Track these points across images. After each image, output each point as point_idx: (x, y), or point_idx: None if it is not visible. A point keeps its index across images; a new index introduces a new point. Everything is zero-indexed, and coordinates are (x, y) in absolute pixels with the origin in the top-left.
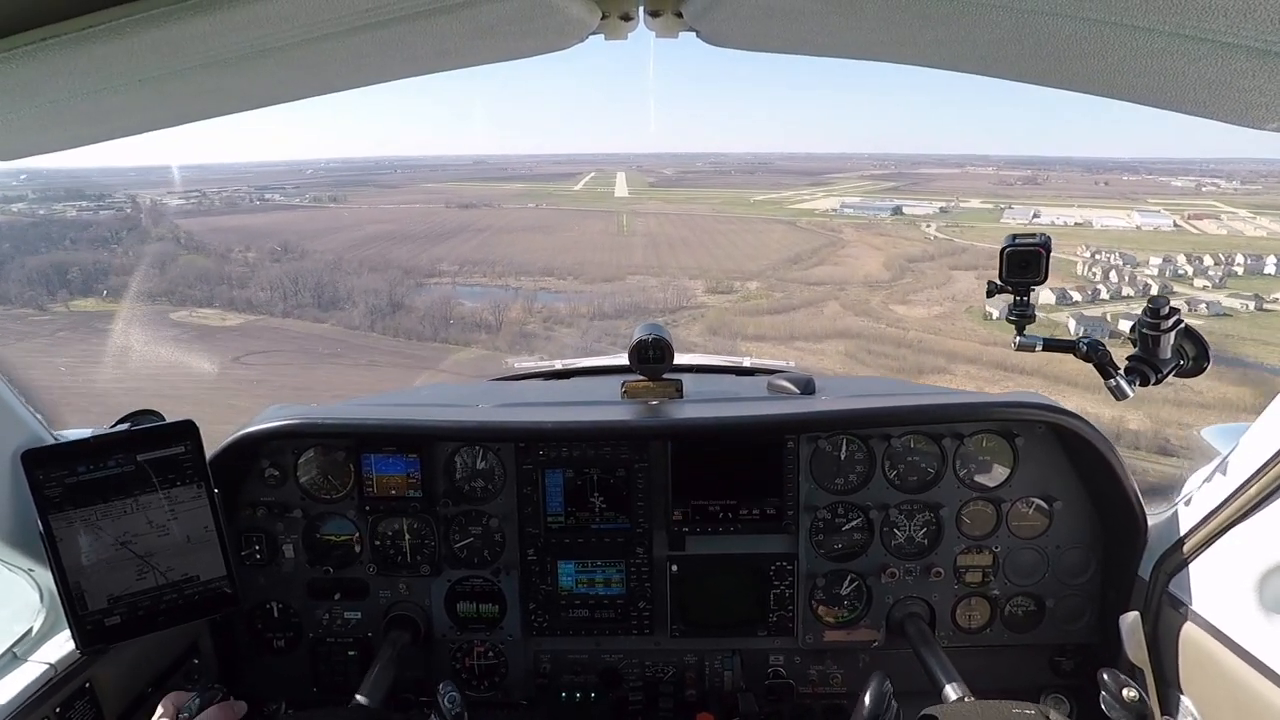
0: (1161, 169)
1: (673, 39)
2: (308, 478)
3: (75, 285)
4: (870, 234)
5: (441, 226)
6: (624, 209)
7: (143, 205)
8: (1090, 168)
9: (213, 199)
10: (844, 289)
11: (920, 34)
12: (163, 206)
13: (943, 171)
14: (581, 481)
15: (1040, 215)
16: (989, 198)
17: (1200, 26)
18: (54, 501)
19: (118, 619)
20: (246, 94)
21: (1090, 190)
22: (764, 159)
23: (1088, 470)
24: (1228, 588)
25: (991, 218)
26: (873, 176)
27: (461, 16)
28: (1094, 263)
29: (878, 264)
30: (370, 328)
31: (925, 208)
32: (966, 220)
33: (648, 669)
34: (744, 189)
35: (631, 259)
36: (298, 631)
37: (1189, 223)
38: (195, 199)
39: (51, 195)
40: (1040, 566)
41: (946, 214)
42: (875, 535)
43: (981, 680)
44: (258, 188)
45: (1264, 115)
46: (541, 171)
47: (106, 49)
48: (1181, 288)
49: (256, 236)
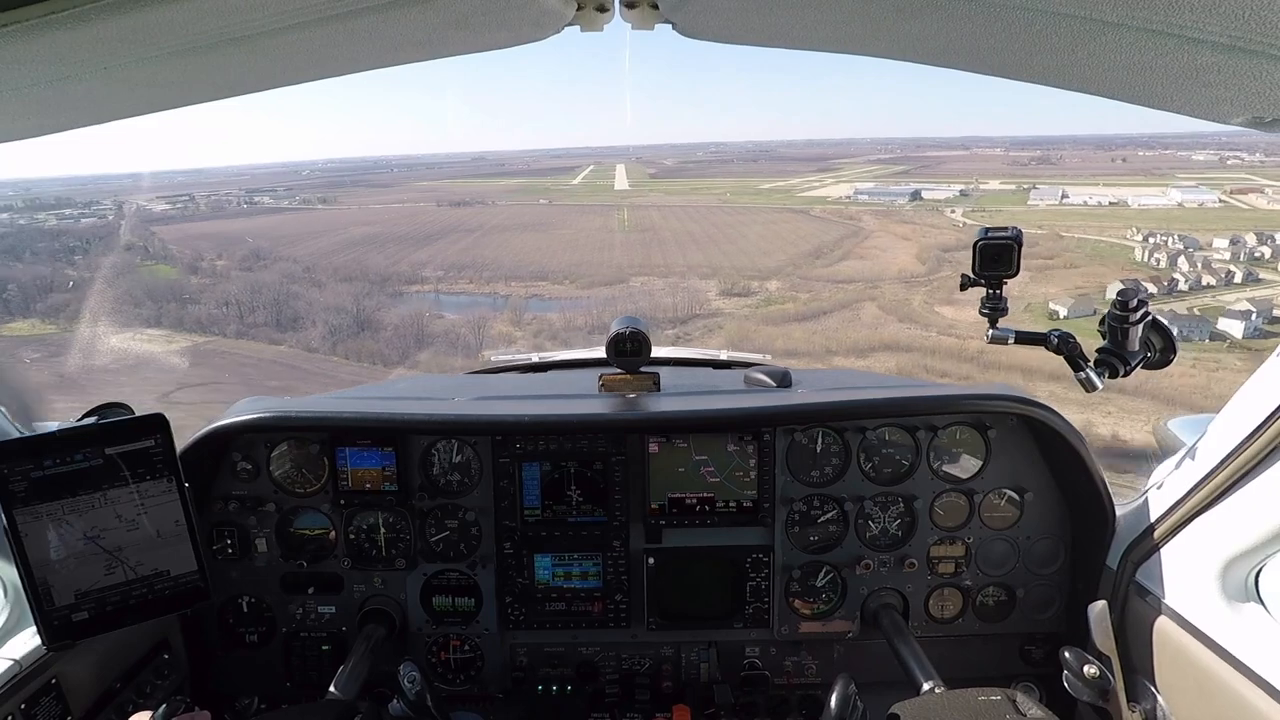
0: (1178, 143)
1: (649, 30)
2: (281, 471)
3: (15, 304)
4: (892, 222)
5: (429, 227)
6: (624, 202)
7: (127, 212)
8: (1100, 145)
9: (199, 203)
10: (877, 286)
11: (893, 27)
12: (146, 213)
13: (950, 154)
14: (558, 474)
15: (1069, 196)
16: (1007, 178)
17: (1168, 22)
18: (19, 496)
19: (85, 614)
20: (216, 83)
21: (1108, 167)
22: (766, 147)
23: (1058, 461)
24: (1192, 577)
25: (1016, 199)
26: (880, 161)
27: (436, 7)
28: (1153, 247)
29: (909, 256)
30: (331, 350)
31: (944, 191)
32: (990, 203)
33: (624, 661)
34: (749, 177)
35: (633, 258)
36: (271, 626)
37: (1234, 198)
38: (182, 204)
39: (40, 204)
40: (1011, 557)
41: (967, 197)
42: (850, 527)
43: (954, 669)
44: (249, 191)
45: (1229, 110)
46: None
47: (71, 36)
48: (1267, 273)
49: (232, 243)
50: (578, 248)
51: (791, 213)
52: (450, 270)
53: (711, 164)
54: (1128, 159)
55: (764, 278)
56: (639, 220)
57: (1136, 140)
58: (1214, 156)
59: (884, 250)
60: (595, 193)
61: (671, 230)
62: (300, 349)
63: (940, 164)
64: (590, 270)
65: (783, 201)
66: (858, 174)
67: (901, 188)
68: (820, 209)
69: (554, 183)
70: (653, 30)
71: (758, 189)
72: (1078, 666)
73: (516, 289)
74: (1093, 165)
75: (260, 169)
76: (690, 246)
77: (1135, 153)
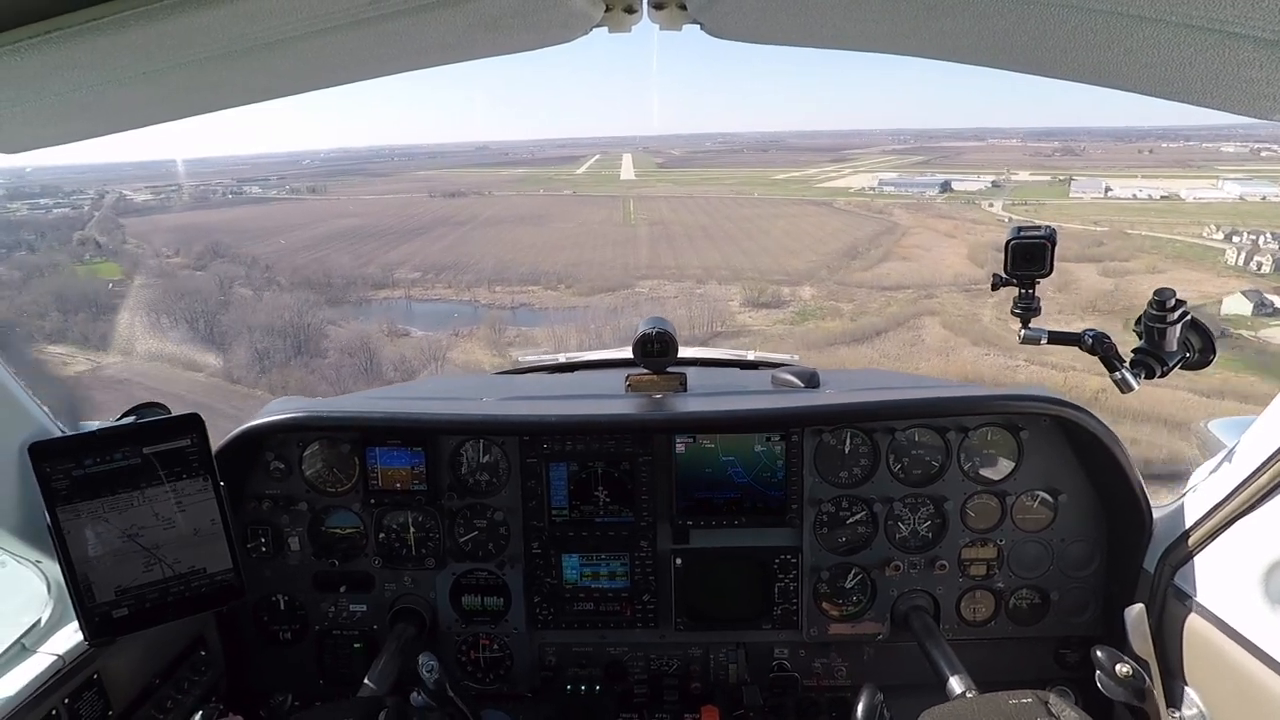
0: (1198, 135)
1: (676, 31)
2: (313, 471)
3: None
4: (929, 216)
5: (417, 219)
6: (631, 193)
7: (107, 202)
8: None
9: (184, 194)
10: (933, 295)
11: (925, 25)
12: (127, 203)
13: (967, 145)
14: (586, 475)
15: (1112, 189)
16: (1036, 169)
17: (1207, 17)
18: (61, 494)
19: (125, 611)
20: (250, 87)
21: (1137, 159)
22: (775, 137)
23: (1092, 463)
24: (1233, 580)
25: (1054, 191)
26: (896, 151)
27: (465, 10)
28: (1246, 248)
29: (958, 257)
30: (255, 381)
31: (974, 182)
32: (1028, 195)
33: (652, 662)
34: (761, 168)
35: (641, 257)
36: (303, 624)
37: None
38: (166, 195)
39: (21, 193)
40: (1045, 559)
41: (1000, 189)
42: (879, 529)
43: (986, 673)
44: (240, 180)
45: (1271, 105)
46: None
47: (111, 42)
48: None
49: (200, 236)
50: (578, 244)
51: (813, 205)
52: (429, 271)
53: (721, 154)
54: (1155, 151)
55: (794, 283)
56: (647, 213)
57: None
58: (1243, 149)
59: (927, 250)
60: (601, 183)
61: (683, 224)
62: (222, 378)
63: (959, 155)
64: (590, 272)
65: (800, 193)
66: (875, 164)
67: (928, 178)
68: (844, 201)
69: (557, 172)
70: (680, 31)
71: (772, 179)
72: (1110, 665)
73: (501, 295)
74: (1119, 157)
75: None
76: (705, 244)
77: (1158, 145)
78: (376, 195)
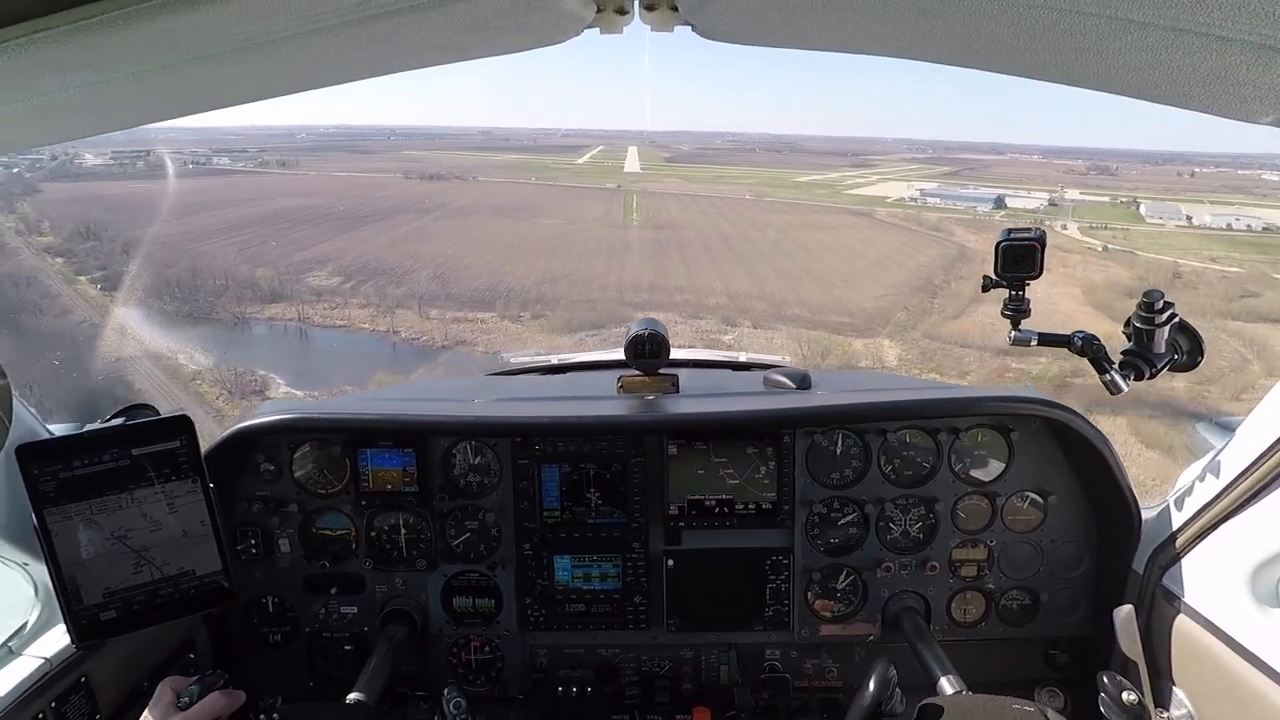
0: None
1: (668, 32)
2: (303, 472)
3: None
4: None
5: (377, 204)
6: (634, 187)
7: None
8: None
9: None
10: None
11: (916, 28)
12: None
13: (992, 158)
14: (578, 476)
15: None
16: (1086, 189)
17: (1196, 21)
18: (49, 496)
19: (113, 613)
20: (240, 88)
21: (1179, 182)
22: (787, 139)
23: (1082, 464)
24: (1221, 581)
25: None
26: (920, 160)
27: (456, 10)
28: None
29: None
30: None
31: (1028, 199)
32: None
33: (644, 663)
34: (778, 168)
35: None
36: (294, 626)
37: None
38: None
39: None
40: (1035, 560)
41: (1059, 209)
42: (871, 530)
43: (976, 674)
44: (214, 150)
45: (1258, 109)
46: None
47: (100, 42)
48: None
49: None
50: (562, 249)
51: (851, 214)
52: (352, 277)
53: (732, 152)
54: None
55: (865, 332)
56: (652, 213)
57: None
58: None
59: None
60: (602, 174)
61: (696, 229)
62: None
63: (986, 167)
64: (571, 292)
65: (830, 198)
66: (902, 171)
67: (973, 191)
68: (885, 212)
69: (556, 161)
70: (672, 32)
71: (794, 181)
72: (1115, 692)
73: (434, 325)
74: (1157, 179)
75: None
76: (726, 259)
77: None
78: (348, 173)
